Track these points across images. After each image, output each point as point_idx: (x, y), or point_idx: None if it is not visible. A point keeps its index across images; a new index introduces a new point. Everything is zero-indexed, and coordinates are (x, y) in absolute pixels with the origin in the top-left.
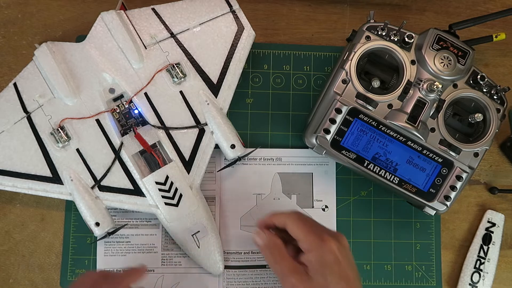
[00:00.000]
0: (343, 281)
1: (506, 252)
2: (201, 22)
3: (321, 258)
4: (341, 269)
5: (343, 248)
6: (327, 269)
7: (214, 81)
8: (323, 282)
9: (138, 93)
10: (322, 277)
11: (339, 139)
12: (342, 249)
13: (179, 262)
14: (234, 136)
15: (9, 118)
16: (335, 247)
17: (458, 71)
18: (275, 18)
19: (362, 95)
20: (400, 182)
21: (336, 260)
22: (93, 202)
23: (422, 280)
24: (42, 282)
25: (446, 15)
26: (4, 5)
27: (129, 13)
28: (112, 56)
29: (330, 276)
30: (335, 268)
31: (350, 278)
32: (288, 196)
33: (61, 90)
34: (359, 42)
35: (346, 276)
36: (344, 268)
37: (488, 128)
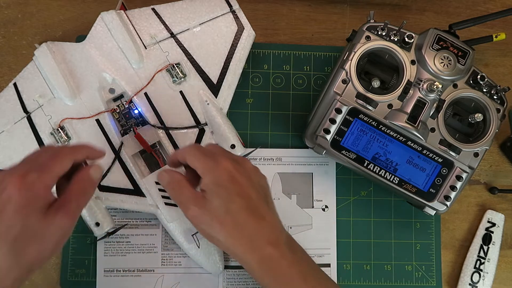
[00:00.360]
0: (239, 198)
1: (506, 252)
2: (201, 22)
3: (215, 179)
4: (238, 188)
5: (242, 169)
6: (221, 188)
7: (214, 81)
8: (219, 201)
9: (138, 93)
10: (217, 197)
11: (339, 139)
12: (242, 169)
13: (179, 262)
14: (234, 136)
15: (9, 118)
16: (231, 167)
17: (458, 71)
18: (275, 18)
19: (362, 95)
20: (400, 182)
21: (231, 179)
22: (93, 202)
23: (422, 280)
24: (42, 282)
25: (446, 15)
26: (4, 5)
27: (129, 13)
28: (112, 56)
29: (225, 195)
30: (230, 187)
31: (251, 197)
32: (288, 196)
33: (61, 90)
34: (359, 42)
35: (246, 195)
36: (242, 187)
37: (488, 128)
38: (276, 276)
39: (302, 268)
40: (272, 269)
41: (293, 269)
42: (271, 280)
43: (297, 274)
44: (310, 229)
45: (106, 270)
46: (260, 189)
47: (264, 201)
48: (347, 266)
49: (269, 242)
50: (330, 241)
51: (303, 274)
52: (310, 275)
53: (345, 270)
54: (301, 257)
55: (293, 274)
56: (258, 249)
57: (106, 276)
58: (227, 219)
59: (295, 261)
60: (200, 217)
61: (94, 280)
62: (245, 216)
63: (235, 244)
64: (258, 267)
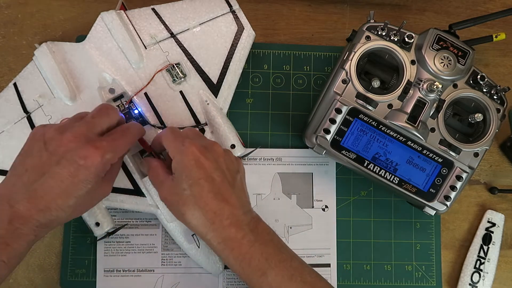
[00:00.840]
0: (203, 181)
1: (506, 252)
2: (201, 22)
3: (181, 161)
4: (202, 171)
5: (209, 153)
6: (186, 170)
7: (214, 81)
8: (183, 184)
9: (138, 93)
10: (182, 179)
11: (339, 139)
12: (208, 153)
13: (179, 262)
14: (234, 136)
15: (9, 118)
16: (197, 151)
17: (458, 71)
18: (275, 18)
19: (362, 95)
20: (400, 182)
21: (197, 162)
22: None
23: (422, 280)
24: (42, 282)
25: (446, 15)
26: (4, 5)
27: (129, 13)
28: (112, 56)
29: (189, 177)
30: (195, 170)
31: (215, 180)
32: (288, 196)
33: (61, 90)
34: (359, 42)
35: (209, 178)
36: (207, 170)
37: (488, 128)
38: (236, 255)
39: (265, 249)
40: (233, 249)
41: (254, 249)
42: (231, 260)
43: (258, 254)
44: (310, 229)
45: (106, 270)
46: (228, 172)
47: (230, 184)
48: (347, 266)
49: (230, 223)
50: (330, 241)
51: (265, 254)
52: (273, 256)
53: (345, 270)
54: (266, 238)
55: (254, 254)
56: (219, 231)
57: (106, 276)
58: (190, 201)
59: (258, 242)
60: (168, 199)
61: (94, 280)
62: (207, 199)
63: (198, 224)
64: (219, 247)
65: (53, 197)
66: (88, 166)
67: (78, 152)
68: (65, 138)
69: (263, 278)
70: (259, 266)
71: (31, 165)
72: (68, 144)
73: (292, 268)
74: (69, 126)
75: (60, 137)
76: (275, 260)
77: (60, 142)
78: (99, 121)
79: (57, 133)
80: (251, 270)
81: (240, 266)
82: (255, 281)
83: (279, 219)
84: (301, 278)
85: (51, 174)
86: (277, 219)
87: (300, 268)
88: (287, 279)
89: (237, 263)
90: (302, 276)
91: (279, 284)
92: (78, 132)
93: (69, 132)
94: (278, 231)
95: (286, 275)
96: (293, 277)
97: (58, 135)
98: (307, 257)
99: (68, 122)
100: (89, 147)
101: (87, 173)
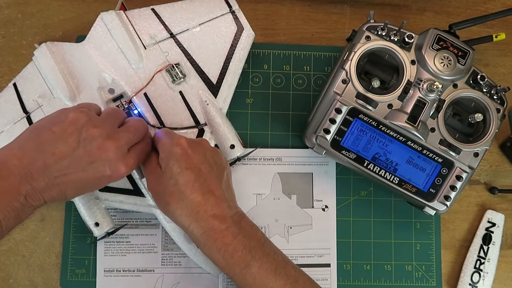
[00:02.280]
0: (189, 172)
1: (506, 252)
2: (200, 22)
3: (169, 152)
4: (189, 161)
5: (198, 146)
6: (172, 161)
7: (213, 81)
8: (170, 174)
9: (138, 93)
10: (169, 169)
11: (339, 139)
12: (197, 147)
13: (179, 262)
14: (233, 136)
15: (9, 118)
16: (185, 143)
17: (458, 71)
18: (275, 18)
19: (362, 95)
20: (400, 182)
21: (184, 153)
22: (93, 202)
23: (422, 280)
24: (42, 282)
25: (446, 15)
26: (4, 5)
27: (128, 13)
28: (111, 56)
29: (175, 167)
30: (182, 161)
31: (201, 171)
32: (288, 196)
33: (61, 90)
34: (359, 42)
35: (196, 169)
36: (193, 161)
37: (488, 128)
38: (219, 246)
39: (249, 242)
40: (216, 240)
41: (237, 240)
42: (214, 251)
43: (241, 246)
44: (310, 229)
45: (106, 270)
46: (215, 166)
47: (216, 177)
48: (347, 266)
49: (214, 215)
50: (330, 241)
51: (248, 247)
52: (257, 249)
53: (345, 270)
54: (250, 232)
55: (238, 245)
56: (203, 221)
57: (106, 276)
58: (175, 190)
59: (241, 234)
60: (155, 189)
61: (94, 280)
62: (192, 189)
63: (181, 214)
64: (202, 238)
65: (66, 188)
66: (113, 178)
67: (111, 163)
68: (107, 145)
69: (246, 270)
70: (242, 258)
71: (60, 151)
72: (107, 152)
73: (276, 262)
74: (112, 132)
75: (102, 142)
76: (259, 253)
77: (101, 146)
78: (135, 138)
79: (100, 137)
80: (234, 261)
81: (223, 257)
82: (238, 273)
83: (279, 219)
84: (284, 271)
85: (76, 171)
86: (277, 219)
87: (283, 262)
88: (271, 271)
89: (220, 254)
90: (286, 269)
91: (263, 276)
92: (119, 145)
93: (112, 142)
94: (278, 231)
95: (270, 268)
96: (277, 270)
97: (101, 139)
98: (307, 257)
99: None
100: (121, 163)
101: (107, 181)
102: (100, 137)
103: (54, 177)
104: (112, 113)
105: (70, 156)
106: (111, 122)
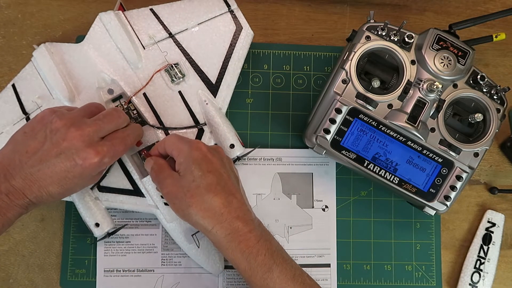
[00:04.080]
0: (211, 175)
1: (506, 252)
2: (199, 22)
3: (189, 156)
4: (210, 165)
5: (216, 152)
6: (193, 164)
7: (212, 81)
8: (191, 177)
9: (137, 94)
10: (190, 173)
11: (339, 139)
12: (215, 152)
13: (179, 262)
14: (233, 136)
15: (8, 120)
16: (204, 147)
17: (458, 71)
18: (275, 18)
19: (362, 95)
20: (400, 182)
21: (204, 157)
22: (93, 203)
23: (422, 280)
24: (42, 282)
25: (446, 15)
26: (4, 5)
27: (127, 13)
28: (110, 56)
29: (197, 171)
30: (203, 164)
31: (222, 175)
32: (288, 196)
33: (60, 91)
34: (359, 42)
35: (217, 172)
36: (214, 165)
37: (488, 128)
38: (243, 249)
39: (270, 246)
40: (240, 242)
41: (260, 244)
42: (237, 253)
43: (264, 249)
44: (310, 229)
45: (106, 270)
46: (232, 172)
47: (236, 181)
48: (347, 266)
49: (238, 217)
50: (330, 241)
51: (270, 251)
52: (277, 254)
53: (345, 270)
54: (270, 237)
55: (260, 249)
56: (227, 222)
57: (106, 276)
58: (198, 193)
59: (263, 238)
60: (174, 192)
61: (94, 280)
62: (215, 191)
63: (204, 216)
64: (226, 240)
65: (45, 184)
66: (85, 166)
67: (78, 151)
68: (71, 134)
69: (268, 274)
70: (265, 262)
71: (32, 148)
72: (71, 141)
73: (293, 269)
74: (77, 121)
75: (66, 132)
76: (279, 258)
77: (65, 136)
78: (107, 126)
79: (64, 127)
80: (257, 264)
81: (246, 260)
82: (260, 277)
83: (279, 219)
84: (301, 279)
85: (48, 164)
86: (277, 219)
87: (300, 270)
88: (290, 278)
89: (244, 257)
90: (302, 277)
91: (283, 281)
92: (84, 132)
93: (76, 130)
94: (278, 231)
95: (289, 274)
96: (295, 277)
97: (65, 128)
98: (307, 257)
99: (77, 115)
100: (90, 150)
101: (81, 171)
102: (64, 127)
103: (30, 173)
104: (83, 106)
105: (40, 150)
106: (78, 113)
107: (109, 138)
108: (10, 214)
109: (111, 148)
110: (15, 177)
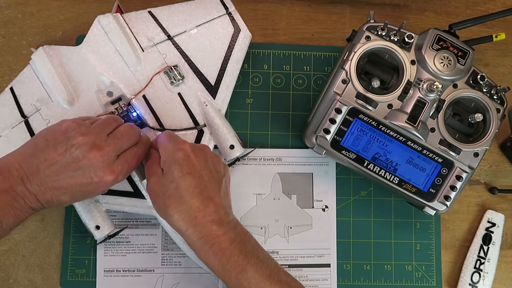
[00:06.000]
0: (190, 177)
1: (506, 252)
2: (197, 24)
3: (172, 156)
4: (191, 167)
5: (200, 152)
6: (175, 165)
7: (212, 83)
8: (171, 177)
9: (137, 96)
10: (170, 173)
11: (339, 139)
12: (199, 152)
13: (179, 262)
14: (232, 136)
15: (6, 123)
16: (188, 148)
17: (458, 71)
18: (275, 18)
19: (362, 95)
20: (400, 182)
21: (186, 158)
22: (93, 205)
23: (422, 280)
24: (42, 282)
25: (446, 15)
26: (4, 5)
27: (125, 16)
28: (109, 59)
29: (177, 171)
30: (184, 165)
31: (202, 177)
32: (288, 196)
33: (59, 94)
34: (359, 42)
35: (197, 174)
36: (195, 167)
37: (488, 128)
38: (215, 251)
39: (244, 247)
40: (213, 245)
41: (234, 245)
42: (210, 255)
43: (237, 251)
44: (310, 229)
45: (106, 270)
46: (215, 173)
47: (216, 184)
48: (347, 266)
49: (212, 220)
50: (330, 241)
51: (244, 252)
52: (252, 254)
53: (345, 270)
54: (245, 238)
55: (234, 250)
56: (201, 226)
57: (106, 276)
58: (175, 194)
59: (237, 240)
60: (155, 190)
61: (94, 280)
62: (192, 194)
63: (179, 218)
64: (199, 243)
65: (58, 193)
66: (100, 185)
67: (96, 171)
68: (91, 153)
69: (242, 274)
70: (238, 262)
71: (51, 158)
72: (91, 159)
73: (269, 267)
74: (98, 139)
75: (87, 150)
76: (254, 258)
77: (85, 154)
78: (125, 145)
79: (85, 144)
80: (230, 266)
81: (219, 262)
82: (234, 277)
83: (279, 219)
84: (278, 277)
85: (64, 178)
86: (277, 219)
87: (276, 268)
88: (265, 276)
89: (217, 259)
90: (279, 275)
91: (258, 281)
92: (104, 152)
93: (96, 149)
94: (278, 231)
95: (265, 273)
96: (271, 275)
97: (86, 146)
98: (307, 257)
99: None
100: (107, 170)
101: (96, 188)
102: (85, 145)
103: (46, 181)
104: (104, 121)
105: (59, 162)
106: (99, 129)
107: (124, 156)
108: (22, 215)
109: (125, 166)
110: (32, 183)
